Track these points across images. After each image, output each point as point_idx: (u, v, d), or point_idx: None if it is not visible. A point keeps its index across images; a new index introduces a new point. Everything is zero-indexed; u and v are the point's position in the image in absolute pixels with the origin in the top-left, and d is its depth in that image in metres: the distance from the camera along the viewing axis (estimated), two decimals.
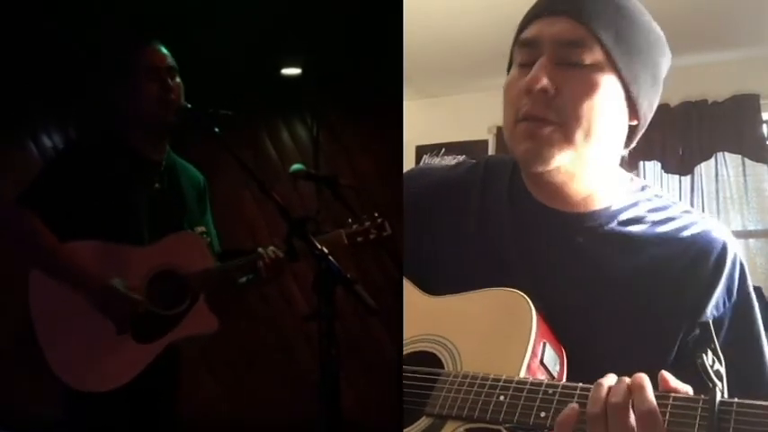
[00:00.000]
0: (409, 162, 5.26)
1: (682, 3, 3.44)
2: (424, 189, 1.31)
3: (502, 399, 0.99)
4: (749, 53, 4.34)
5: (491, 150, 5.18)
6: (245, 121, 1.83)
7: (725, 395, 0.86)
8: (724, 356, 0.90)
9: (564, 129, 1.07)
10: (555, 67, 1.07)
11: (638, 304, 1.11)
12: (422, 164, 5.25)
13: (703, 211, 4.33)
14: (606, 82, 1.09)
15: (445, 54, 4.61)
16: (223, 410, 3.53)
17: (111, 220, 1.73)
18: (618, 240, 1.14)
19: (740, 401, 0.85)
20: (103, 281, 1.67)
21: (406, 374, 1.11)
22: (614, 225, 1.16)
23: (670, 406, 0.88)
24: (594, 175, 1.15)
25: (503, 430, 0.99)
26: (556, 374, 1.05)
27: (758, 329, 1.13)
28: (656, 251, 1.13)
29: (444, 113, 5.39)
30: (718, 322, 1.10)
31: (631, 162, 1.22)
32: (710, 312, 1.10)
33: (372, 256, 3.38)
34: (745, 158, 4.46)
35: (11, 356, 2.92)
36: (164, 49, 1.81)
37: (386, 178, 3.24)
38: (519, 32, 1.15)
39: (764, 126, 4.43)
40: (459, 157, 4.96)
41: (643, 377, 0.90)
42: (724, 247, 1.13)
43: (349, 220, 1.91)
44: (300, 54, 3.43)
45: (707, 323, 0.91)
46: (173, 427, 1.85)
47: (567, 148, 1.08)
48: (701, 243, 1.13)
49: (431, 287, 1.21)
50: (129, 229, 1.75)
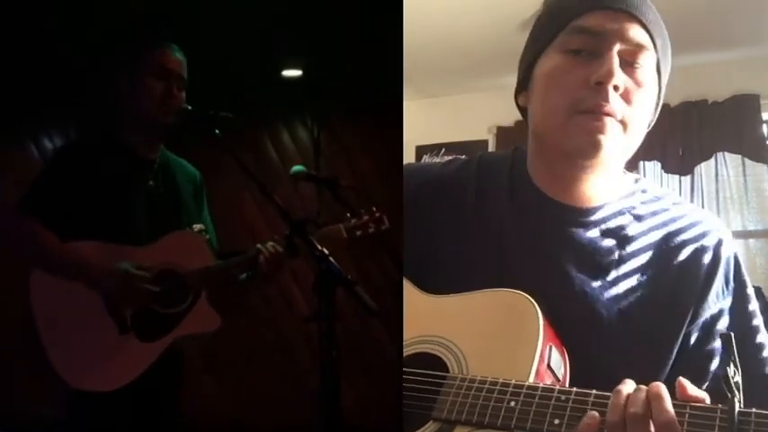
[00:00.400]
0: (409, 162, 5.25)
1: (682, 3, 3.44)
2: (419, 186, 1.30)
3: (513, 404, 0.97)
4: (749, 53, 4.34)
5: (491, 150, 5.18)
6: (245, 123, 1.83)
7: (742, 405, 0.86)
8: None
9: (624, 127, 1.08)
10: (618, 65, 1.08)
11: (638, 301, 1.11)
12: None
13: None
14: (652, 85, 1.12)
15: (445, 54, 4.61)
16: (223, 411, 3.52)
17: (110, 219, 1.72)
18: (618, 236, 1.15)
19: (758, 411, 0.84)
20: (110, 267, 1.67)
21: (409, 377, 1.09)
22: (615, 221, 1.16)
23: (687, 415, 0.87)
24: (609, 171, 1.16)
25: None
26: (561, 377, 1.04)
27: (756, 321, 1.14)
28: (654, 248, 1.14)
29: (444, 113, 5.39)
30: (717, 315, 1.11)
31: (631, 162, 1.23)
32: (710, 305, 1.11)
33: (372, 256, 3.39)
34: (745, 158, 4.47)
35: (11, 357, 2.93)
36: (179, 55, 1.80)
37: (386, 178, 3.24)
38: (569, 17, 1.11)
39: (764, 126, 4.44)
40: (453, 157, 4.96)
41: (660, 386, 0.89)
42: (719, 243, 1.15)
43: (348, 214, 1.91)
44: (301, 55, 3.43)
45: (729, 335, 0.90)
46: (173, 427, 1.84)
47: (620, 145, 1.10)
48: (697, 237, 1.14)
49: (431, 286, 1.20)
50: (128, 228, 1.74)
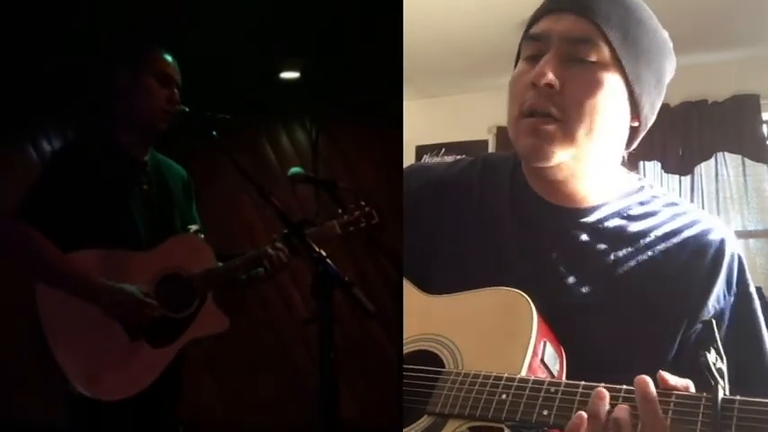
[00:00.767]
0: (409, 162, 5.25)
1: (682, 3, 3.44)
2: (421, 187, 1.31)
3: (504, 397, 0.99)
4: (749, 53, 4.34)
5: (491, 150, 5.18)
6: (243, 125, 1.83)
7: (727, 393, 0.86)
8: (725, 348, 0.90)
9: (566, 126, 1.08)
10: (561, 63, 1.08)
11: (638, 301, 1.11)
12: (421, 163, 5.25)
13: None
14: (610, 80, 1.09)
15: (445, 54, 4.61)
16: (223, 413, 3.53)
17: (109, 223, 1.72)
18: (616, 237, 1.15)
19: (743, 399, 0.85)
20: (116, 287, 1.66)
21: (406, 373, 1.11)
22: (613, 221, 1.16)
23: (672, 404, 0.88)
24: (596, 172, 1.15)
25: (505, 428, 0.99)
26: (556, 373, 1.05)
27: (758, 321, 1.13)
28: (654, 247, 1.14)
29: (444, 113, 5.39)
30: (719, 315, 1.11)
31: (631, 162, 1.22)
32: (712, 306, 1.10)
33: (371, 257, 3.39)
34: (745, 158, 4.47)
35: (16, 363, 2.93)
36: (170, 59, 1.81)
37: (386, 179, 3.24)
38: (528, 27, 1.16)
39: (764, 126, 4.44)
40: (458, 157, 4.96)
41: (647, 382, 0.89)
42: (722, 241, 1.13)
43: (339, 210, 1.92)
44: (299, 57, 3.43)
45: (710, 321, 0.91)
46: (173, 430, 1.84)
47: (568, 145, 1.09)
48: (699, 238, 1.13)
49: (430, 286, 1.21)
50: (127, 232, 1.74)
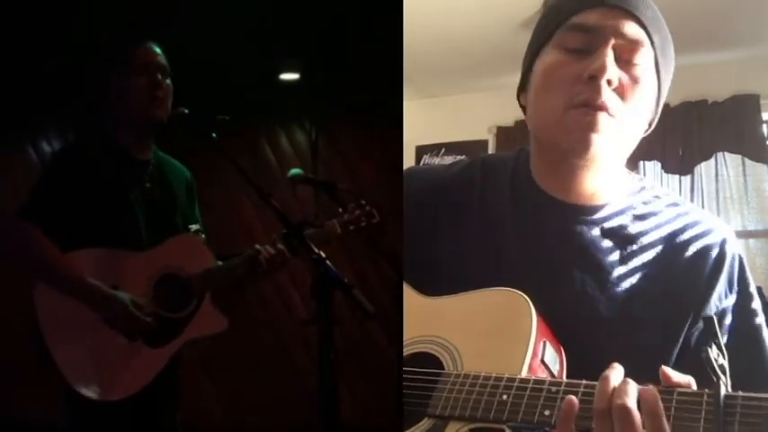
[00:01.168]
0: (409, 162, 5.26)
1: (682, 3, 3.44)
2: (421, 189, 1.30)
3: (505, 398, 0.98)
4: (749, 53, 4.34)
5: (491, 150, 5.19)
6: (243, 126, 1.83)
7: (729, 389, 0.86)
8: (726, 347, 0.90)
9: (616, 119, 1.08)
10: (614, 61, 1.07)
11: (640, 301, 1.11)
12: (421, 164, 5.24)
13: None
14: (651, 84, 1.11)
15: (445, 54, 4.62)
16: (222, 415, 3.53)
17: (110, 223, 1.72)
18: (620, 235, 1.15)
19: (745, 395, 0.84)
20: (111, 296, 1.66)
21: (406, 376, 1.10)
22: (617, 220, 1.16)
23: (675, 401, 0.87)
24: (611, 169, 1.16)
25: (506, 429, 0.98)
26: (556, 373, 1.04)
27: (759, 320, 1.14)
28: (657, 247, 1.14)
29: (444, 113, 5.39)
30: (721, 314, 1.11)
31: (631, 162, 1.22)
32: (714, 305, 1.10)
33: (371, 259, 3.39)
34: (745, 158, 4.47)
35: (14, 364, 2.93)
36: (156, 48, 1.80)
37: (386, 180, 3.24)
38: (567, 14, 1.11)
39: (764, 126, 4.44)
40: (459, 158, 4.96)
41: (656, 397, 0.89)
42: (723, 241, 1.14)
43: (339, 210, 1.92)
44: (299, 58, 3.43)
45: (711, 318, 0.90)
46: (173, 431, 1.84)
47: (613, 138, 1.09)
48: (701, 239, 1.14)
49: (429, 288, 1.20)
50: (128, 231, 1.74)
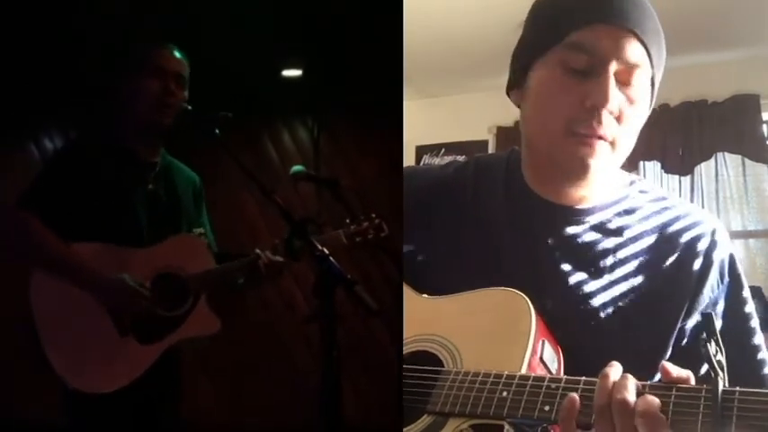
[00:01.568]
0: (409, 162, 5.26)
1: (681, 3, 3.44)
2: (418, 189, 1.31)
3: (505, 394, 0.99)
4: (749, 53, 4.34)
5: (491, 150, 5.19)
6: (245, 123, 1.83)
7: (726, 384, 0.87)
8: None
9: (613, 146, 1.09)
10: (615, 85, 1.07)
11: (634, 296, 1.12)
12: (421, 164, 5.25)
13: None
14: (645, 97, 1.12)
15: (445, 54, 4.62)
16: (223, 414, 3.53)
17: (110, 221, 1.73)
18: (611, 231, 1.16)
19: (743, 390, 0.85)
20: (111, 276, 1.67)
21: (405, 374, 1.11)
22: (607, 218, 1.17)
23: (673, 396, 0.88)
24: (607, 177, 1.17)
25: (506, 425, 0.99)
26: (554, 371, 1.05)
27: (749, 309, 1.15)
28: (648, 241, 1.15)
29: (444, 113, 5.39)
30: (714, 304, 1.12)
31: (631, 162, 1.23)
32: (707, 295, 1.12)
33: (372, 257, 3.39)
34: (745, 158, 4.47)
35: (11, 359, 2.92)
36: (178, 54, 1.80)
37: (386, 179, 3.24)
38: (566, 29, 1.09)
39: (764, 126, 4.44)
40: (459, 158, 4.97)
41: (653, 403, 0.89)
42: (713, 232, 1.15)
43: (347, 220, 1.91)
44: (301, 56, 3.43)
45: (710, 314, 0.91)
46: (173, 431, 1.84)
47: (610, 162, 1.11)
48: (690, 230, 1.15)
49: (428, 288, 1.21)
50: (128, 231, 1.74)
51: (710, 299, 1.12)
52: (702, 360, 0.89)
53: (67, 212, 1.68)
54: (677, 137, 4.54)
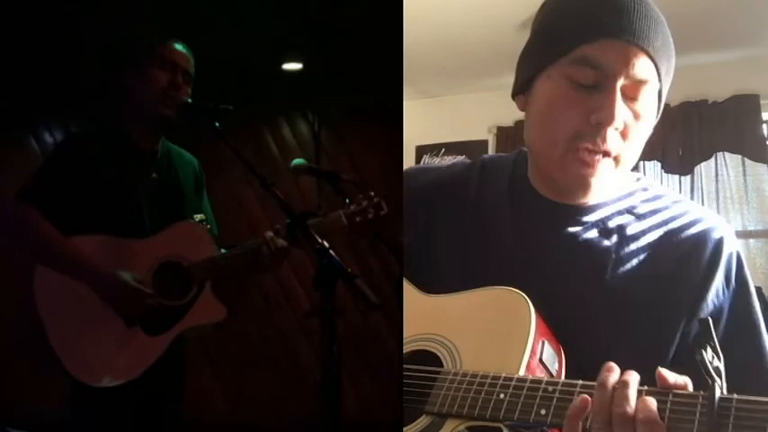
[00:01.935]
0: (409, 162, 5.26)
1: (682, 3, 3.45)
2: (421, 188, 1.31)
3: (502, 396, 0.99)
4: (749, 53, 4.35)
5: (491, 150, 5.19)
6: (246, 116, 1.83)
7: (724, 391, 0.86)
8: (724, 344, 0.90)
9: (617, 161, 1.09)
10: (620, 100, 1.05)
11: (636, 298, 1.10)
12: (422, 164, 5.25)
13: None
14: (652, 111, 1.11)
15: (445, 54, 4.62)
16: (225, 408, 3.53)
17: (112, 211, 1.73)
18: (618, 234, 1.15)
19: (740, 397, 0.84)
20: (112, 274, 1.67)
21: (405, 373, 1.10)
22: (615, 219, 1.16)
23: (670, 402, 0.87)
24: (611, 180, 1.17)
25: (503, 428, 0.99)
26: (555, 372, 1.04)
27: (756, 317, 1.13)
28: (655, 245, 1.13)
29: (444, 113, 5.40)
30: (718, 310, 1.10)
31: None
32: (711, 301, 1.10)
33: (373, 251, 3.39)
34: (745, 158, 4.47)
35: (16, 354, 2.93)
36: (183, 49, 1.81)
37: (386, 177, 3.25)
38: (574, 42, 1.06)
39: (764, 126, 4.44)
40: (459, 158, 4.97)
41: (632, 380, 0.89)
42: (720, 237, 1.13)
43: (347, 200, 1.90)
44: (302, 49, 3.43)
45: (706, 320, 0.90)
46: (176, 423, 1.84)
47: (613, 178, 1.11)
48: (697, 234, 1.13)
49: (429, 286, 1.21)
50: (131, 220, 1.74)
51: (715, 305, 1.10)
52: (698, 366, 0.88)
53: (69, 205, 1.68)
54: (677, 137, 4.54)
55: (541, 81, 1.12)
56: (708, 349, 0.88)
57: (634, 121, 1.07)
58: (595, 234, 1.15)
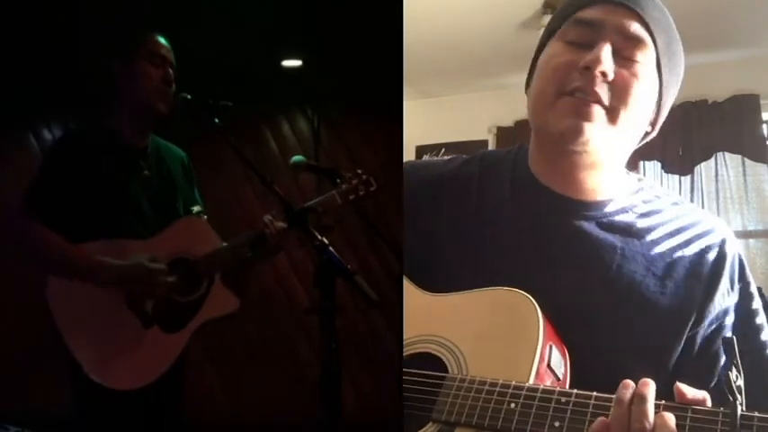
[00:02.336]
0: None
1: (682, 3, 3.45)
2: (419, 184, 1.30)
3: (513, 406, 0.96)
4: (749, 53, 4.35)
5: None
6: (245, 113, 1.83)
7: (744, 408, 0.85)
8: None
9: (609, 112, 1.09)
10: (612, 56, 1.09)
11: (641, 299, 1.10)
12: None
13: None
14: (650, 83, 1.12)
15: (445, 54, 4.62)
16: (224, 404, 3.52)
17: (113, 213, 1.72)
18: (622, 232, 1.14)
19: (762, 416, 0.84)
20: (122, 263, 1.66)
21: (409, 377, 1.07)
22: (619, 217, 1.15)
23: (689, 419, 0.86)
24: (612, 166, 1.16)
25: None
26: (561, 376, 1.02)
27: (760, 319, 1.13)
28: (659, 245, 1.13)
29: (444, 113, 5.40)
30: (723, 313, 1.10)
31: (631, 162, 1.23)
32: (717, 304, 1.10)
33: (373, 249, 3.38)
34: (745, 158, 4.47)
35: (23, 357, 2.92)
36: (164, 42, 1.80)
37: (387, 170, 3.24)
38: (574, 9, 1.14)
39: (764, 126, 4.44)
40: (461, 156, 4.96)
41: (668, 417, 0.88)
42: (723, 241, 1.13)
43: (337, 180, 1.89)
44: (301, 46, 3.42)
45: (731, 339, 0.89)
46: (177, 421, 1.83)
47: (606, 130, 1.09)
48: (701, 238, 1.13)
49: (431, 284, 1.19)
50: (132, 220, 1.74)
51: (721, 308, 1.10)
52: (716, 377, 0.90)
53: (69, 210, 1.67)
54: (677, 137, 4.54)
55: (542, 55, 1.17)
56: (733, 369, 0.87)
57: (631, 79, 1.09)
58: (600, 230, 1.14)
